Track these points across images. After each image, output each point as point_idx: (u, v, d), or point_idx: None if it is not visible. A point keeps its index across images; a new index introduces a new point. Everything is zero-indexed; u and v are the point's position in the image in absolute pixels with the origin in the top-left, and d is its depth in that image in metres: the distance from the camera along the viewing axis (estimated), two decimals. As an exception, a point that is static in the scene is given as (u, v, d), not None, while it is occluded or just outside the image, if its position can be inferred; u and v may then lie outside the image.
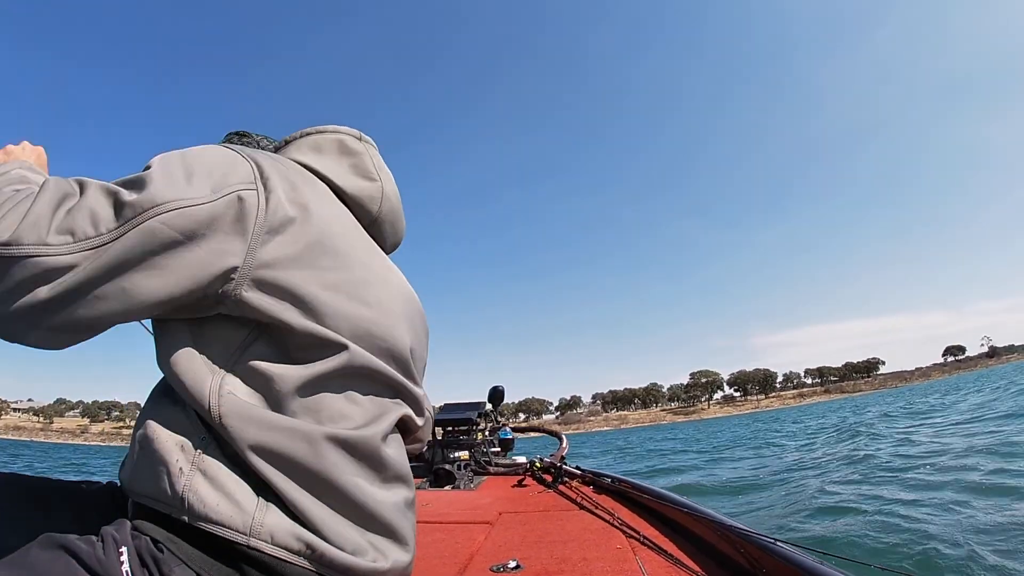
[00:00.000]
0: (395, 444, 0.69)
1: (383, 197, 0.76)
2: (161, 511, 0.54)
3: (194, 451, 0.54)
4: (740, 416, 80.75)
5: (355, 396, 0.62)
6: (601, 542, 1.40)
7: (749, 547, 1.07)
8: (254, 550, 0.52)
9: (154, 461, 0.54)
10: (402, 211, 0.81)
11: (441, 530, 1.61)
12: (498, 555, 1.32)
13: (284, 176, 0.59)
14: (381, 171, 0.77)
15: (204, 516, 0.52)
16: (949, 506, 3.98)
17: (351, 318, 0.61)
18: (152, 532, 0.53)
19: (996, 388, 20.87)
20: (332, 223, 0.62)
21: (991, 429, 7.95)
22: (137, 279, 0.49)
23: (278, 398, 0.56)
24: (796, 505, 4.62)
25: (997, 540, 3.15)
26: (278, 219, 0.55)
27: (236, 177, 0.54)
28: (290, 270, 0.55)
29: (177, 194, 0.50)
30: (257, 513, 0.53)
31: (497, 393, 3.45)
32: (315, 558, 0.55)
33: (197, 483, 0.52)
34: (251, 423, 0.54)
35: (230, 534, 0.52)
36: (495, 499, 2.16)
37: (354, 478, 0.59)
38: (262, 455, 0.54)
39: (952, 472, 5.17)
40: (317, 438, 0.56)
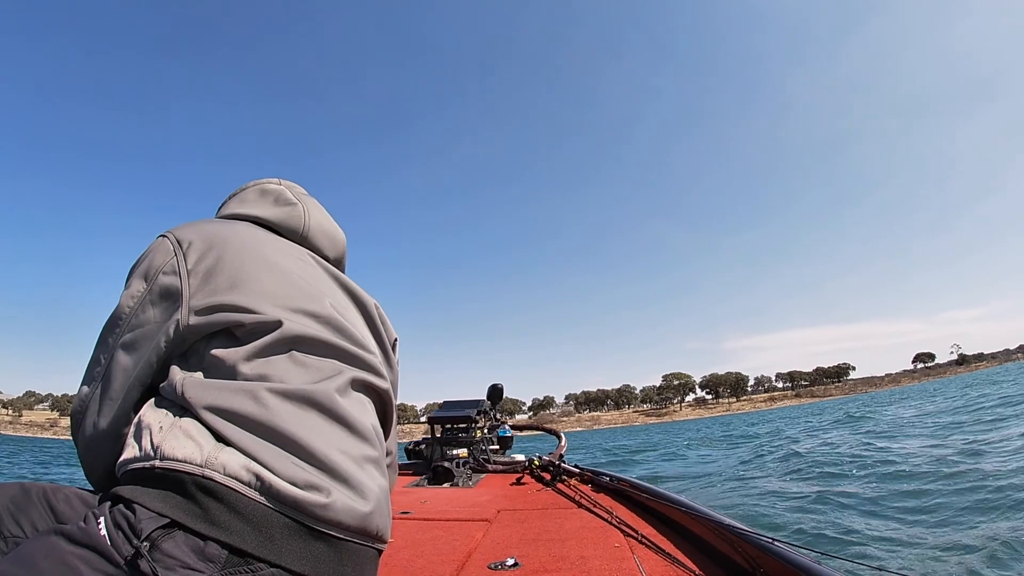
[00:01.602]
0: (356, 402, 0.76)
1: (306, 215, 0.92)
2: (137, 467, 0.63)
3: (173, 418, 0.66)
4: (709, 418, 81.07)
5: (300, 358, 0.72)
6: (599, 540, 1.40)
7: (747, 546, 1.07)
8: (208, 479, 0.59)
9: (141, 429, 0.66)
10: (334, 226, 0.97)
11: (439, 527, 1.61)
12: (496, 553, 1.32)
13: (200, 231, 0.77)
14: (301, 197, 0.94)
15: (171, 456, 0.61)
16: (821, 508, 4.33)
17: (276, 299, 0.74)
18: (126, 493, 0.60)
19: (940, 397, 21.20)
20: (245, 243, 0.78)
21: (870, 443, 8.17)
22: (124, 362, 0.73)
23: (231, 372, 0.68)
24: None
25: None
26: (201, 265, 0.73)
27: (157, 259, 0.74)
28: (218, 293, 0.72)
29: (127, 303, 0.73)
30: (214, 450, 0.62)
31: (496, 391, 3.45)
32: (264, 490, 0.61)
33: (172, 435, 0.63)
34: (204, 389, 0.66)
35: (189, 468, 0.60)
36: (493, 497, 2.16)
37: (300, 425, 0.66)
38: (216, 412, 0.64)
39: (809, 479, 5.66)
40: (261, 392, 0.66)
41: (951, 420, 10.49)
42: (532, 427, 4.17)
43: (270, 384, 0.67)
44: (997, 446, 6.11)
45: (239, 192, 0.94)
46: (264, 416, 0.64)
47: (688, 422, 74.14)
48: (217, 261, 0.73)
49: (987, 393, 17.01)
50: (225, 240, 0.76)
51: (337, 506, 0.64)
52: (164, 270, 0.73)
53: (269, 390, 0.66)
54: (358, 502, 0.67)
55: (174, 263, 0.73)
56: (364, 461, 0.72)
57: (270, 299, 0.73)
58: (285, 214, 0.90)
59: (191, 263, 0.73)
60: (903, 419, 12.28)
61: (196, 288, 0.72)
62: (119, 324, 0.73)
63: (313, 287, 0.80)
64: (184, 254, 0.74)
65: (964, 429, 8.58)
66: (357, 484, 0.68)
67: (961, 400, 16.26)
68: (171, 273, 0.73)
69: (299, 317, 0.74)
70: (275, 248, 0.82)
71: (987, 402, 13.11)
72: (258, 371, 0.68)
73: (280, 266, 0.78)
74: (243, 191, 0.93)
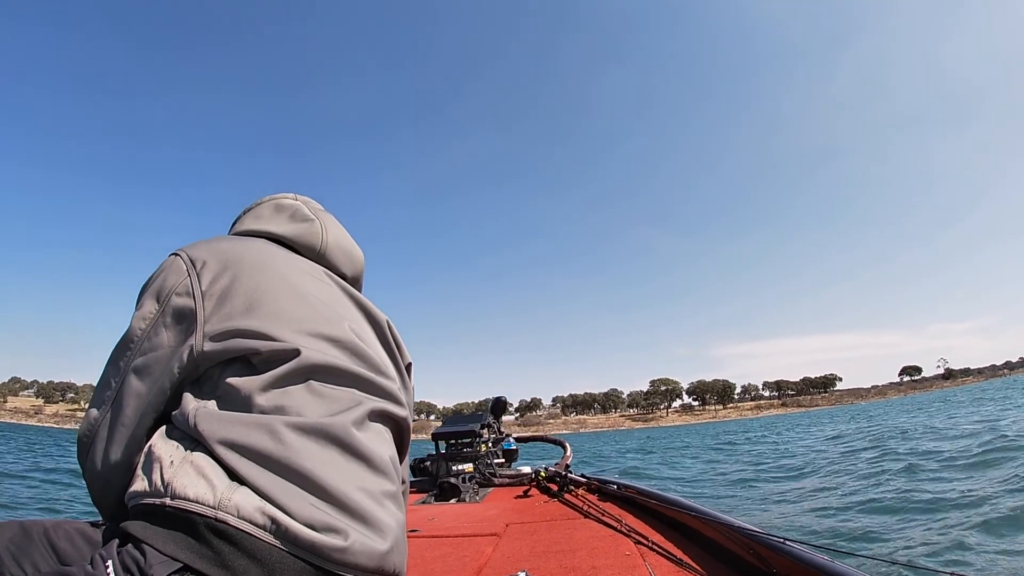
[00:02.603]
0: (373, 434, 0.72)
1: (324, 231, 0.88)
2: (147, 503, 0.60)
3: (185, 451, 0.62)
4: (695, 425, 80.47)
5: (318, 388, 0.69)
6: (609, 549, 1.39)
7: (759, 547, 1.07)
8: (221, 522, 0.57)
9: (151, 462, 0.63)
10: (352, 243, 0.94)
11: (448, 544, 1.59)
12: (507, 567, 1.31)
13: (214, 250, 0.74)
14: (318, 213, 0.91)
15: (183, 495, 0.58)
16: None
17: (293, 323, 0.70)
18: (136, 531, 0.58)
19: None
20: (261, 263, 0.75)
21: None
22: (136, 388, 0.69)
23: (246, 403, 0.65)
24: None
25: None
26: (216, 286, 0.70)
27: (170, 280, 0.71)
28: (234, 317, 0.68)
29: (138, 324, 0.70)
30: (227, 491, 0.59)
31: (499, 404, 3.43)
32: (280, 533, 0.58)
33: (183, 471, 0.60)
34: (219, 422, 0.63)
35: (201, 508, 0.57)
36: (501, 510, 2.14)
37: (319, 462, 0.63)
38: (230, 447, 0.61)
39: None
40: (278, 427, 0.63)
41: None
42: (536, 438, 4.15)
43: (287, 418, 0.64)
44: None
45: (254, 207, 0.90)
46: (281, 453, 0.62)
47: (675, 428, 73.85)
48: (232, 282, 0.71)
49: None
50: (240, 259, 0.73)
51: (355, 548, 0.62)
52: (177, 291, 0.70)
53: (286, 424, 0.64)
54: (376, 541, 0.65)
55: (187, 284, 0.70)
56: (383, 497, 0.70)
57: (287, 323, 0.70)
58: (302, 230, 0.87)
59: (205, 284, 0.70)
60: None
61: (211, 311, 0.69)
62: (130, 347, 0.70)
63: (331, 309, 0.77)
64: (198, 274, 0.71)
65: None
66: (376, 522, 0.66)
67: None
68: (185, 295, 0.70)
69: (317, 343, 0.71)
70: (291, 267, 0.79)
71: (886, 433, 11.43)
72: (275, 402, 0.66)
73: (297, 287, 0.75)
74: (258, 206, 0.90)
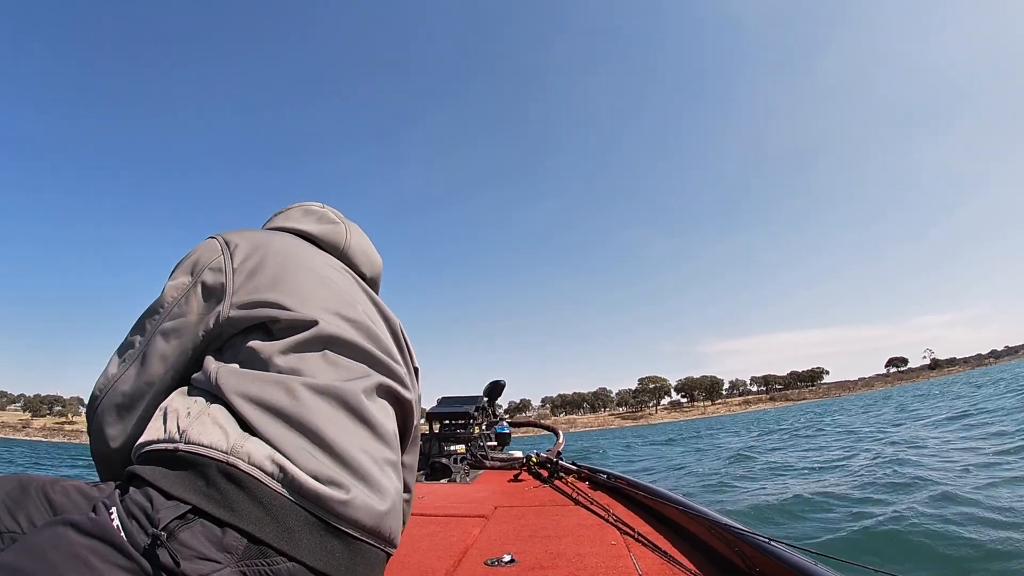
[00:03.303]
0: (380, 407, 0.78)
1: (348, 233, 0.98)
2: (159, 448, 0.63)
3: (205, 404, 0.67)
4: (684, 421, 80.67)
5: (332, 357, 0.74)
6: (596, 538, 1.40)
7: (743, 546, 1.07)
8: (232, 467, 0.60)
9: (167, 414, 0.67)
10: (372, 247, 1.03)
11: (436, 523, 1.61)
12: (493, 549, 1.32)
13: (247, 236, 0.82)
14: (343, 218, 1.00)
15: (197, 441, 0.62)
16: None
17: (313, 301, 0.77)
18: (145, 473, 0.60)
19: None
20: (288, 249, 0.83)
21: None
22: (162, 348, 0.75)
23: (265, 364, 0.70)
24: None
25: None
26: (246, 264, 0.77)
27: (205, 255, 0.79)
28: (260, 290, 0.75)
29: (170, 293, 0.77)
30: (239, 439, 0.62)
31: (495, 387, 3.45)
32: (286, 482, 0.61)
33: (200, 421, 0.64)
34: (239, 377, 0.68)
35: (213, 453, 0.61)
36: (491, 493, 2.17)
37: (328, 421, 0.68)
38: (248, 399, 0.65)
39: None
40: (295, 386, 0.68)
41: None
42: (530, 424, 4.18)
43: (302, 378, 0.69)
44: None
45: (284, 210, 1.00)
46: (295, 409, 0.66)
47: (665, 425, 74.32)
48: (261, 262, 0.78)
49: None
50: (269, 245, 0.81)
51: (356, 503, 0.65)
52: (211, 266, 0.77)
53: (302, 383, 0.68)
54: (375, 501, 0.69)
55: (220, 261, 0.78)
56: (384, 463, 0.74)
57: (307, 299, 0.76)
58: (327, 230, 0.96)
59: (237, 262, 0.77)
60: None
61: (239, 285, 0.75)
62: (160, 312, 0.76)
63: (348, 294, 0.84)
64: (231, 253, 0.78)
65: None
66: (376, 484, 0.70)
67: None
68: (217, 270, 0.77)
69: (334, 319, 0.77)
70: (315, 257, 0.86)
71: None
72: (291, 365, 0.70)
73: (319, 271, 0.83)
74: (288, 210, 1.00)
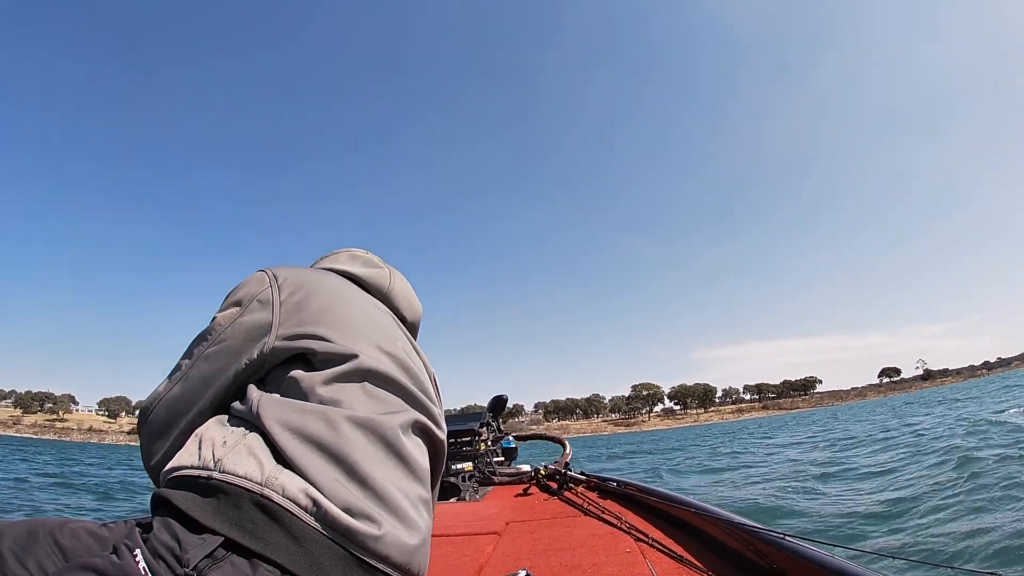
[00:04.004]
0: (415, 444, 0.78)
1: (391, 277, 1.01)
2: (192, 475, 0.63)
3: (242, 434, 0.67)
4: (677, 429, 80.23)
5: (372, 390, 0.76)
6: (610, 546, 1.39)
7: (759, 543, 1.07)
8: (266, 499, 0.60)
9: (204, 441, 0.67)
10: (414, 293, 1.06)
11: (449, 543, 1.59)
12: (507, 565, 1.31)
13: (295, 272, 0.85)
14: (387, 264, 1.05)
15: (232, 471, 0.61)
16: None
17: (355, 335, 0.78)
18: (177, 498, 0.60)
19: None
20: (333, 287, 0.85)
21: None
22: (204, 371, 0.78)
23: (305, 394, 0.71)
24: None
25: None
26: (293, 298, 0.80)
27: (254, 288, 0.81)
28: (304, 324, 0.77)
29: (220, 321, 0.79)
30: (274, 471, 0.62)
31: (499, 402, 3.43)
32: (320, 516, 0.61)
33: (236, 451, 0.64)
34: (279, 406, 0.68)
35: (248, 484, 0.60)
36: (501, 509, 2.15)
37: (365, 454, 0.68)
38: (287, 428, 0.66)
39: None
40: (335, 418, 0.68)
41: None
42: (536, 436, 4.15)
43: (342, 410, 0.70)
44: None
45: (330, 254, 1.05)
46: (333, 440, 0.66)
47: (657, 432, 74.00)
48: (306, 297, 0.80)
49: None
50: (316, 282, 0.84)
51: (388, 539, 0.65)
52: (259, 298, 0.80)
53: (342, 415, 0.69)
54: (406, 536, 0.68)
55: (268, 294, 0.80)
56: (417, 500, 0.74)
57: (349, 333, 0.78)
58: (372, 273, 1.00)
59: (284, 296, 0.80)
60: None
61: (285, 318, 0.78)
62: (208, 339, 0.79)
63: (389, 332, 0.86)
64: (279, 287, 0.81)
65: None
66: (408, 520, 0.70)
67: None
68: (264, 302, 0.80)
69: (375, 352, 0.79)
70: (359, 296, 0.90)
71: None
72: (332, 396, 0.71)
73: (361, 309, 0.85)
74: (335, 254, 1.04)
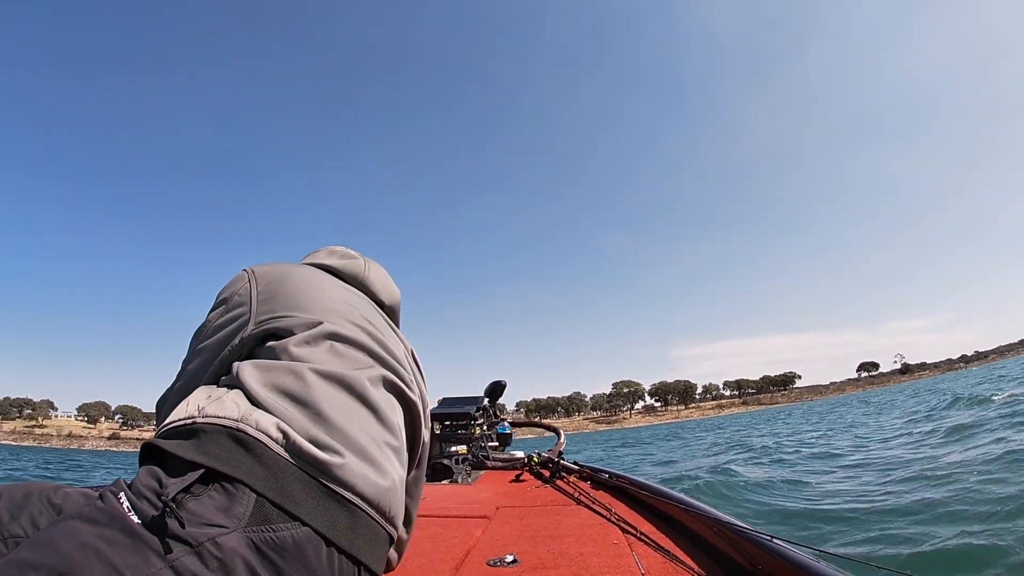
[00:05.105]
0: (384, 398, 0.87)
1: (367, 266, 1.10)
2: (178, 425, 0.71)
3: (225, 391, 0.76)
4: (659, 425, 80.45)
5: (339, 349, 0.85)
6: (598, 537, 1.40)
7: (746, 544, 1.07)
8: (241, 432, 0.68)
9: (192, 400, 0.76)
10: (390, 279, 1.15)
11: (438, 524, 1.61)
12: (495, 549, 1.32)
13: (271, 267, 0.97)
14: (363, 256, 1.14)
15: (212, 414, 0.71)
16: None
17: (320, 310, 0.89)
18: (161, 443, 0.67)
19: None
20: (304, 277, 0.95)
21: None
22: (198, 363, 0.91)
23: (277, 356, 0.81)
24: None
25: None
26: (267, 289, 0.91)
27: (236, 287, 0.93)
28: (276, 310, 0.88)
29: (210, 320, 0.92)
30: (249, 410, 0.71)
31: (497, 387, 3.45)
32: (289, 446, 0.69)
33: (218, 402, 0.73)
34: (254, 367, 0.79)
35: (226, 421, 0.69)
36: (493, 494, 2.16)
37: (330, 400, 0.76)
38: (260, 384, 0.76)
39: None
40: (302, 370, 0.78)
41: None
42: (532, 424, 4.18)
43: (310, 364, 0.79)
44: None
45: (312, 253, 1.15)
46: (301, 389, 0.75)
47: (640, 429, 74.37)
48: (279, 286, 0.92)
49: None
50: (289, 273, 0.95)
51: (352, 468, 0.72)
52: (239, 293, 0.92)
53: (309, 368, 0.78)
54: (373, 474, 0.75)
55: (247, 288, 0.92)
56: (385, 445, 0.81)
57: (316, 309, 0.89)
58: (347, 263, 1.09)
59: (260, 288, 0.91)
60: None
61: (258, 308, 0.89)
62: (200, 334, 0.92)
63: (361, 310, 0.96)
64: (256, 282, 0.93)
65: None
66: (374, 460, 0.77)
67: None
68: (243, 295, 0.91)
69: (340, 319, 0.89)
70: (332, 283, 0.99)
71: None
72: (300, 354, 0.81)
73: (332, 293, 0.95)
74: (315, 252, 1.14)
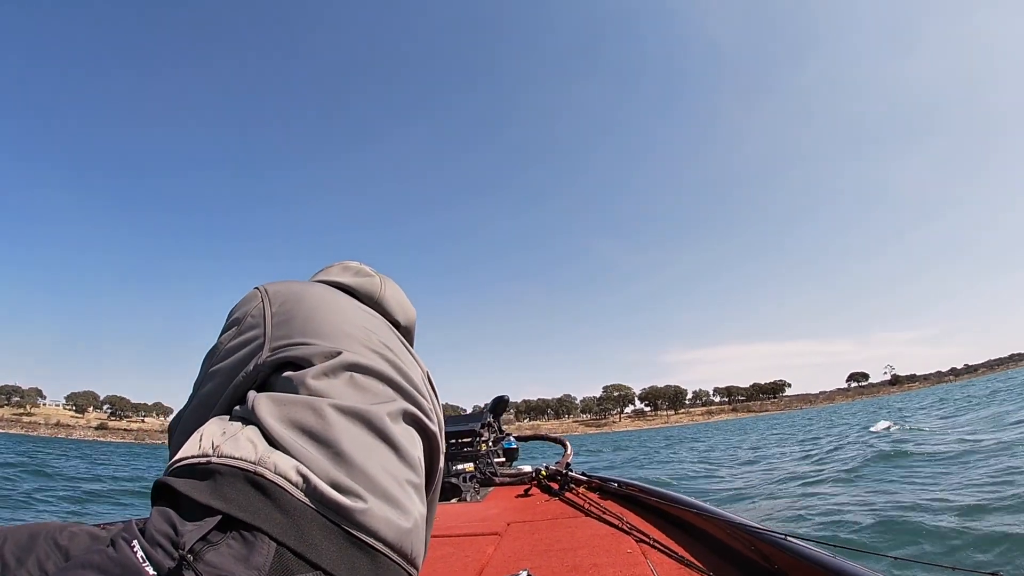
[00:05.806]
0: (405, 432, 0.82)
1: (383, 284, 1.05)
2: (192, 462, 0.67)
3: (240, 427, 0.71)
4: (648, 430, 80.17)
5: (359, 381, 0.81)
6: (611, 547, 1.39)
7: (760, 544, 1.07)
8: (259, 476, 0.64)
9: (205, 434, 0.71)
10: (406, 299, 1.10)
11: (450, 544, 1.59)
12: (509, 566, 1.31)
13: (285, 286, 0.92)
14: (378, 273, 1.09)
15: (229, 455, 0.66)
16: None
17: (339, 336, 0.84)
18: (176, 484, 0.63)
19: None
20: (321, 296, 0.91)
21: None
22: (211, 388, 0.85)
23: (295, 389, 0.76)
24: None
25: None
26: (281, 311, 0.86)
27: (249, 307, 0.88)
28: (292, 335, 0.83)
29: (223, 341, 0.87)
30: (266, 452, 0.67)
31: (500, 402, 3.43)
32: (309, 491, 0.65)
33: (234, 439, 0.68)
34: (271, 401, 0.74)
35: (243, 464, 0.65)
36: (502, 510, 2.15)
37: (350, 439, 0.72)
38: (277, 420, 0.71)
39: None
40: (321, 406, 0.73)
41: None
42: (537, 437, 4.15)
43: (329, 400, 0.75)
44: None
45: (324, 268, 1.10)
46: (320, 427, 0.71)
47: (631, 432, 73.98)
48: (294, 308, 0.87)
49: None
50: (303, 292, 0.91)
51: (375, 513, 0.68)
52: (252, 314, 0.87)
53: (329, 404, 0.74)
54: (395, 516, 0.71)
55: (260, 309, 0.87)
56: (406, 484, 0.77)
57: (335, 336, 0.84)
58: (363, 282, 1.04)
59: (274, 310, 0.87)
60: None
61: (273, 331, 0.85)
62: (213, 357, 0.87)
63: (377, 333, 0.91)
64: (270, 302, 0.88)
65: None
66: (396, 501, 0.73)
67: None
68: (257, 317, 0.87)
69: (360, 348, 0.84)
70: (348, 303, 0.95)
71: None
72: (319, 388, 0.77)
73: (348, 314, 0.90)
74: (328, 267, 1.10)
